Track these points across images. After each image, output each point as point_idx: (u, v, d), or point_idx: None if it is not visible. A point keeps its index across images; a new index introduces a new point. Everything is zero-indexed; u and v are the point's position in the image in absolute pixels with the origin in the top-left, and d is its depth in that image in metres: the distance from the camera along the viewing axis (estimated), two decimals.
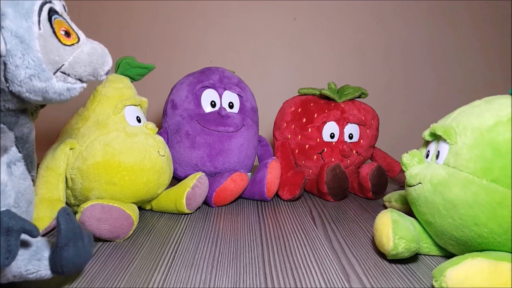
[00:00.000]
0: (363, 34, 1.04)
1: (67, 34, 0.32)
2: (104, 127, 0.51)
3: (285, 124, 0.75)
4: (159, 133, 0.64)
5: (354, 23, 1.03)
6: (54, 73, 0.31)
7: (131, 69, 0.59)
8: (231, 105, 0.70)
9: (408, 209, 0.56)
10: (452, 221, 0.38)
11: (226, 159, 0.66)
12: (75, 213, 0.46)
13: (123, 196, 0.51)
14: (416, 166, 0.43)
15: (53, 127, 0.56)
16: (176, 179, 0.67)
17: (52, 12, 0.31)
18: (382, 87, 1.06)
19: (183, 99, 0.68)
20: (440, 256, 0.45)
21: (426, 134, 0.44)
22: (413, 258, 0.44)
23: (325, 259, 0.43)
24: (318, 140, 0.71)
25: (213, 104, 0.68)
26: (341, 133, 0.70)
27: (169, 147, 0.63)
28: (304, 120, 0.72)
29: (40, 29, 0.30)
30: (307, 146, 0.71)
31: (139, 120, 0.56)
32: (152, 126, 0.56)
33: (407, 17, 1.04)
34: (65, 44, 0.32)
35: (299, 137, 0.72)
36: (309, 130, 0.71)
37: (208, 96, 0.68)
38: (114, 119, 0.53)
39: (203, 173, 0.60)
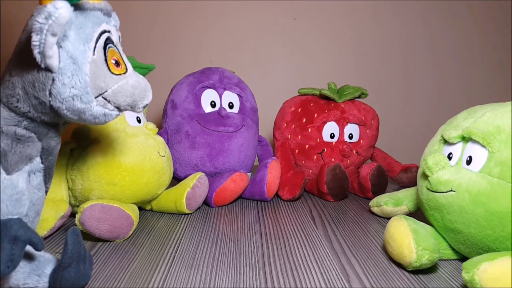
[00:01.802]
0: (363, 34, 1.04)
1: (117, 64, 0.34)
2: (104, 127, 0.51)
3: (285, 124, 0.75)
4: (159, 133, 0.64)
5: (354, 23, 1.03)
6: (96, 97, 0.32)
7: None
8: (231, 105, 0.70)
9: (401, 212, 0.56)
10: (491, 233, 0.36)
11: (226, 159, 0.66)
12: (75, 213, 0.46)
13: (123, 196, 0.51)
14: (444, 171, 0.40)
15: None
16: (176, 179, 0.67)
17: (108, 41, 0.33)
18: (382, 87, 1.06)
19: (183, 99, 0.68)
20: (450, 259, 0.44)
21: (451, 136, 0.41)
22: None
23: (325, 259, 0.43)
24: (318, 140, 0.71)
25: (213, 104, 0.68)
26: (341, 133, 0.70)
27: (169, 147, 0.63)
28: (304, 120, 0.72)
29: (94, 54, 0.32)
30: (307, 146, 0.71)
31: (139, 121, 0.56)
32: (152, 127, 0.56)
33: (407, 17, 1.04)
34: (113, 73, 0.33)
35: (299, 137, 0.72)
36: (309, 130, 0.71)
37: (208, 96, 0.68)
38: (114, 119, 0.53)
39: (203, 173, 0.60)
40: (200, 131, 0.65)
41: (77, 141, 0.50)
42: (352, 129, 0.71)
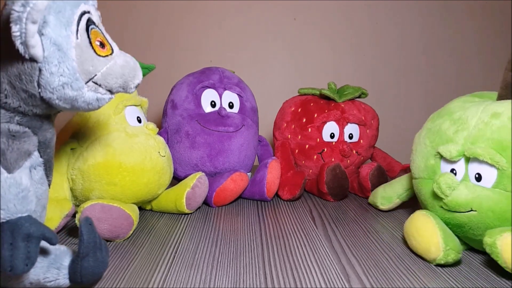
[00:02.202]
0: (363, 34, 1.04)
1: (102, 45, 0.33)
2: (104, 127, 0.51)
3: (285, 124, 0.75)
4: (159, 133, 0.64)
5: (354, 23, 1.03)
6: (86, 83, 0.31)
7: None
8: (231, 105, 0.70)
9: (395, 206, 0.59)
10: None
11: (226, 159, 0.66)
12: (76, 213, 0.46)
13: (123, 196, 0.51)
14: (458, 192, 0.41)
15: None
16: (176, 179, 0.67)
17: (89, 22, 0.32)
18: (382, 87, 1.06)
19: (183, 99, 0.68)
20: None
21: (453, 156, 0.42)
22: (413, 258, 0.44)
23: (325, 259, 0.43)
24: (318, 140, 0.71)
25: (213, 104, 0.68)
26: (341, 133, 0.70)
27: (169, 147, 0.63)
28: (304, 120, 0.72)
29: (77, 38, 0.30)
30: (307, 146, 0.71)
31: (139, 121, 0.56)
32: (152, 127, 0.56)
33: (407, 17, 1.04)
34: (99, 55, 0.32)
35: (299, 137, 0.72)
36: (309, 130, 0.71)
37: (208, 96, 0.68)
38: (115, 119, 0.53)
39: (203, 173, 0.60)
40: (200, 131, 0.65)
41: (78, 140, 0.51)
42: (352, 129, 0.71)
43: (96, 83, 0.32)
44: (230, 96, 0.70)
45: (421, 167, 0.46)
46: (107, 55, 0.33)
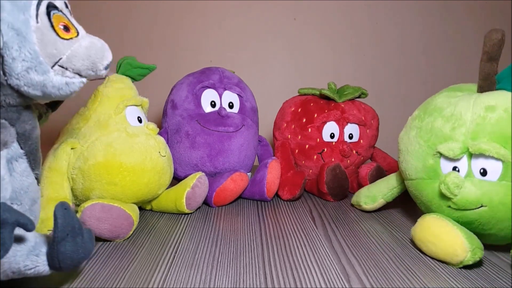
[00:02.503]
0: (363, 34, 1.04)
1: (66, 28, 0.32)
2: (105, 127, 0.51)
3: (285, 124, 0.75)
4: (159, 133, 0.64)
5: (354, 23, 1.03)
6: (52, 67, 0.31)
7: (132, 69, 0.59)
8: (231, 105, 0.70)
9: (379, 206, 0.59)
10: None
11: (226, 159, 0.66)
12: (76, 212, 0.46)
13: (124, 196, 0.51)
14: (466, 190, 0.41)
15: (54, 127, 0.56)
16: (176, 179, 0.67)
17: (50, 7, 0.32)
18: (382, 87, 1.06)
19: (183, 99, 0.68)
20: None
21: (456, 154, 0.41)
22: (413, 258, 0.44)
23: (325, 259, 0.43)
24: (318, 140, 0.71)
25: (213, 104, 0.68)
26: (341, 133, 0.70)
27: (169, 147, 0.62)
28: (304, 120, 0.72)
29: (38, 22, 0.30)
30: (307, 146, 0.71)
31: (140, 121, 0.56)
32: (153, 127, 0.56)
33: (406, 17, 1.04)
34: (63, 38, 0.32)
35: (299, 137, 0.72)
36: (309, 130, 0.71)
37: (208, 96, 0.68)
38: (115, 119, 0.53)
39: (203, 173, 0.60)
40: (200, 131, 0.65)
41: (78, 140, 0.51)
42: (352, 129, 0.71)
43: (62, 67, 0.32)
44: (230, 96, 0.70)
45: (418, 167, 0.46)
46: (71, 38, 0.32)
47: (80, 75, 0.33)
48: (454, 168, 0.42)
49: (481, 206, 0.40)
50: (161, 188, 0.56)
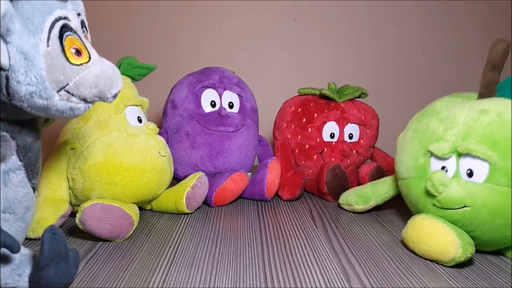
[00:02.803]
0: (363, 34, 1.04)
1: (78, 52, 0.31)
2: (105, 127, 0.51)
3: (285, 124, 0.75)
4: (159, 133, 0.64)
5: (354, 23, 1.03)
6: (58, 92, 0.30)
7: (132, 69, 0.59)
8: (231, 105, 0.70)
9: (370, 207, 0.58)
10: (510, 234, 0.40)
11: (226, 159, 0.66)
12: (76, 212, 0.46)
13: (124, 196, 0.51)
14: (451, 189, 0.41)
15: (54, 127, 0.56)
16: (176, 179, 0.67)
17: (65, 29, 0.30)
18: (382, 87, 1.06)
19: (183, 99, 0.68)
20: None
21: (445, 152, 0.42)
22: (413, 258, 0.44)
23: (325, 259, 0.43)
24: (318, 140, 0.71)
25: (213, 104, 0.68)
26: (341, 133, 0.70)
27: (169, 147, 0.62)
28: (304, 120, 0.72)
29: (48, 46, 0.29)
30: (307, 146, 0.71)
31: (140, 121, 0.56)
32: (153, 127, 0.56)
33: (406, 17, 1.04)
34: (73, 63, 0.31)
35: (299, 137, 0.72)
36: (309, 130, 0.71)
37: (208, 96, 0.68)
38: (115, 119, 0.53)
39: (203, 173, 0.60)
40: (200, 131, 0.65)
41: (78, 140, 0.51)
42: (352, 129, 0.71)
43: (68, 92, 0.31)
44: (230, 96, 0.70)
45: (409, 166, 0.47)
46: (82, 64, 0.31)
47: (86, 101, 0.32)
48: (443, 168, 0.43)
49: (464, 207, 0.41)
50: (161, 188, 0.56)
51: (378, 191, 0.57)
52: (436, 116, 0.45)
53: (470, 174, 0.41)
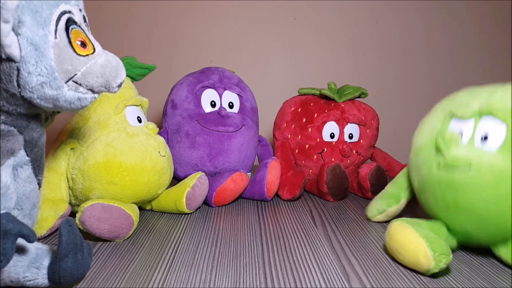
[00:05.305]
0: (363, 34, 1.04)
1: (83, 44, 0.33)
2: (105, 127, 0.51)
3: (285, 124, 0.75)
4: (158, 133, 0.64)
5: (354, 23, 1.03)
6: (66, 82, 0.31)
7: (132, 69, 0.59)
8: (231, 105, 0.70)
9: (402, 206, 0.54)
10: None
11: (226, 159, 0.66)
12: (75, 212, 0.46)
13: (124, 196, 0.51)
14: (458, 147, 0.40)
15: (54, 127, 0.56)
16: (176, 179, 0.67)
17: (70, 22, 0.32)
18: (382, 87, 1.06)
19: (183, 99, 0.68)
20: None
21: (467, 112, 0.41)
22: None
23: (325, 259, 0.43)
24: (318, 140, 0.71)
25: (213, 104, 0.68)
26: (341, 133, 0.70)
27: (169, 147, 0.63)
28: (304, 120, 0.72)
29: (56, 38, 0.30)
30: (307, 146, 0.71)
31: (139, 120, 0.56)
32: (153, 127, 0.56)
33: (407, 17, 1.04)
34: (79, 54, 0.32)
35: (299, 137, 0.72)
36: (309, 130, 0.71)
37: (208, 96, 0.68)
38: (115, 119, 0.53)
39: (203, 173, 0.60)
40: (200, 131, 0.65)
41: (78, 140, 0.51)
42: (352, 129, 0.71)
43: (76, 82, 0.32)
44: (230, 96, 0.70)
45: (426, 133, 0.46)
46: (87, 54, 0.33)
47: (93, 91, 0.34)
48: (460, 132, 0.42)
49: (469, 170, 0.39)
50: (161, 188, 0.56)
51: (401, 184, 0.54)
52: (466, 90, 0.45)
53: (485, 139, 0.39)
